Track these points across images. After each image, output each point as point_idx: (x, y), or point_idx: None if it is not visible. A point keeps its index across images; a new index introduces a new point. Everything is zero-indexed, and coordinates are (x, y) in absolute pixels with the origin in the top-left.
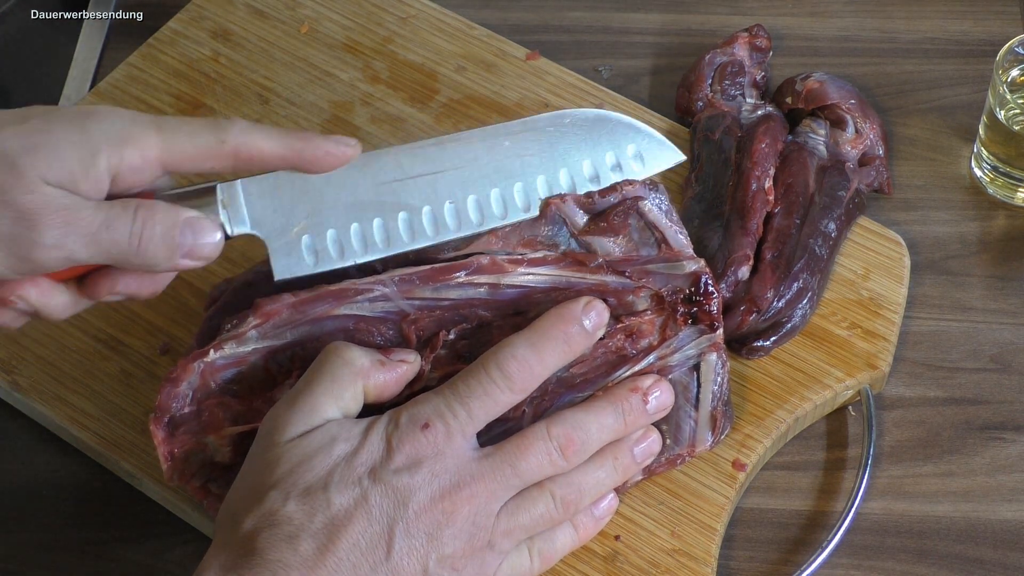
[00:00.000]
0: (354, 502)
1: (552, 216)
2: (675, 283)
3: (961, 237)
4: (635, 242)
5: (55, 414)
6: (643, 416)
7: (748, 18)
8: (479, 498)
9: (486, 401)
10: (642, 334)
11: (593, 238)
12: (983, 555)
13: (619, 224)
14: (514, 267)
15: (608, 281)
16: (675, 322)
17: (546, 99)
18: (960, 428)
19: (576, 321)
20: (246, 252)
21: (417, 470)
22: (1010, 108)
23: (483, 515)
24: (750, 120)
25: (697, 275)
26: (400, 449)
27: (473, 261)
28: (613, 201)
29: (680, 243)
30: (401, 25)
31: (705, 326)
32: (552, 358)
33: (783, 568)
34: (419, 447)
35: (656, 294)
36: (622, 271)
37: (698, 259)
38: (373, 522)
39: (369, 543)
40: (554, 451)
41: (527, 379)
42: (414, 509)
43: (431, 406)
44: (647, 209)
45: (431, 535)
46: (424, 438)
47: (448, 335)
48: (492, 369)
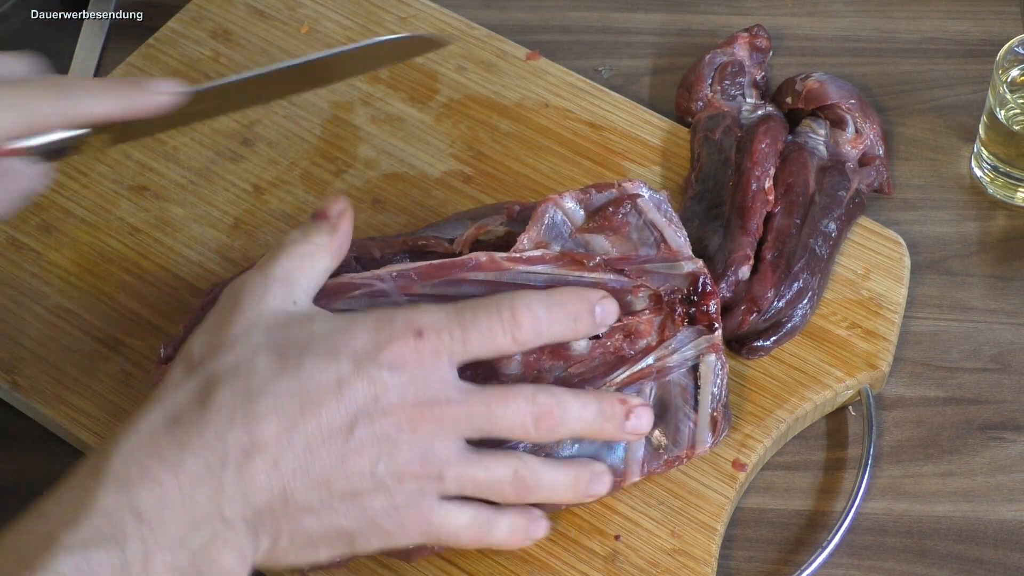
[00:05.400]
0: (332, 381)
1: (550, 213)
2: (673, 283)
3: (961, 237)
4: (634, 241)
5: (55, 414)
6: (619, 428)
7: (748, 18)
8: (446, 422)
9: (486, 337)
10: (640, 334)
11: (592, 236)
12: (983, 555)
13: (618, 222)
14: (512, 265)
15: (606, 279)
16: (673, 322)
17: (546, 99)
18: (960, 428)
19: (590, 305)
20: (247, 252)
21: (398, 372)
22: (1010, 108)
23: (443, 441)
24: (750, 120)
25: (695, 275)
26: (388, 346)
27: (472, 258)
28: (609, 197)
29: (679, 243)
30: (401, 25)
31: (704, 327)
32: (558, 327)
33: (783, 568)
34: (406, 351)
35: (654, 294)
36: (620, 269)
37: (696, 259)
38: (341, 406)
39: (331, 426)
40: (530, 416)
41: (531, 334)
42: (383, 406)
43: (431, 317)
44: (646, 207)
45: (389, 438)
46: (414, 345)
47: None
48: (504, 310)
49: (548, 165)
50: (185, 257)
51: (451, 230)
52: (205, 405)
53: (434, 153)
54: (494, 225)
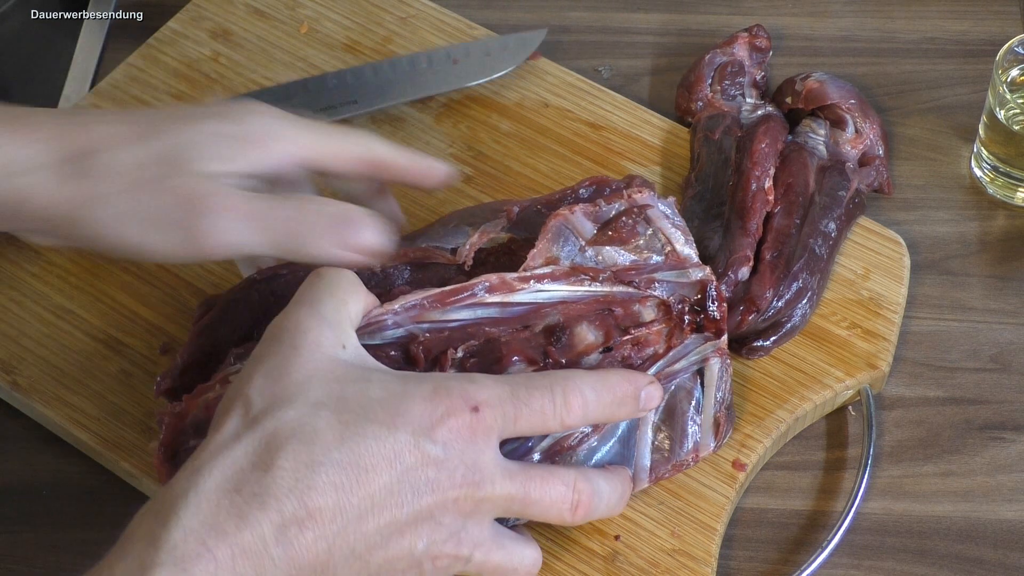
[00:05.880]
0: (388, 454)
1: (559, 228)
2: (681, 291)
3: (961, 237)
4: (642, 250)
5: (55, 414)
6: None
7: (748, 18)
8: (485, 504)
9: (536, 418)
10: (648, 343)
11: (601, 248)
12: (983, 555)
13: (628, 233)
14: (522, 284)
15: (615, 291)
16: (681, 331)
17: (546, 99)
18: (960, 428)
19: (636, 390)
20: None
21: (451, 449)
22: (1010, 108)
23: (477, 522)
24: (750, 120)
25: (704, 283)
26: (444, 422)
27: (483, 280)
28: (619, 208)
29: (687, 251)
30: (401, 25)
31: (710, 333)
32: (603, 410)
33: (783, 568)
34: (461, 428)
35: (663, 303)
36: (630, 281)
37: (704, 266)
38: (394, 481)
39: (382, 501)
40: (568, 503)
41: (578, 417)
42: (432, 484)
43: (487, 393)
44: (655, 217)
45: (433, 517)
46: (470, 420)
47: (456, 352)
48: (558, 393)
49: (548, 165)
50: None
51: (451, 238)
52: (267, 471)
53: (434, 153)
54: (495, 232)
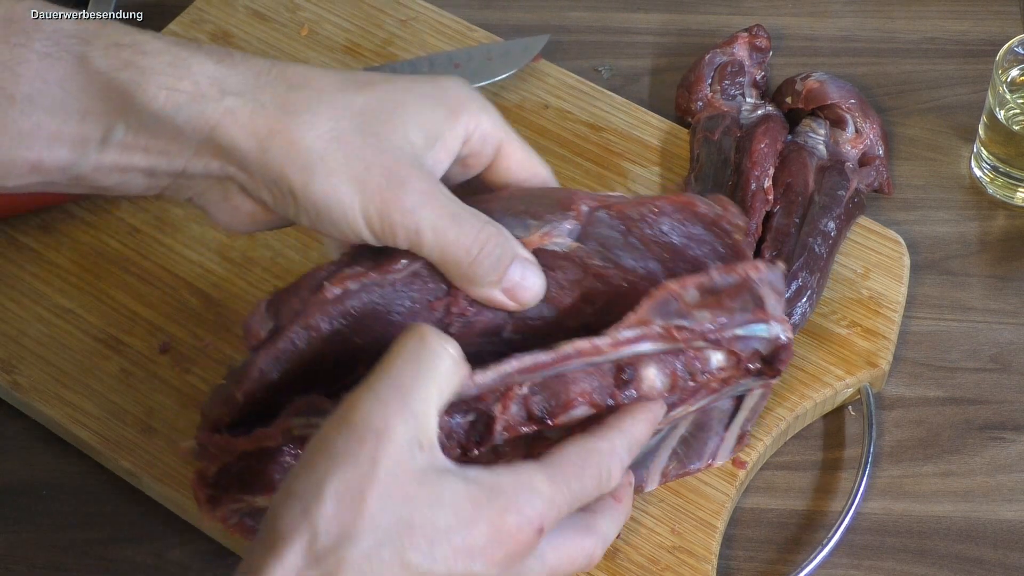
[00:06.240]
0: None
1: (665, 300)
2: (756, 345)
3: (961, 237)
4: (735, 311)
5: (55, 414)
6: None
7: (748, 18)
8: None
9: (585, 498)
10: (709, 389)
11: (699, 311)
12: (983, 555)
13: (731, 303)
14: (613, 350)
15: (699, 346)
16: (740, 375)
17: (546, 101)
18: (960, 428)
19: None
20: (246, 252)
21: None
22: (1010, 108)
23: None
24: (750, 120)
25: (780, 346)
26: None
27: (574, 349)
28: (732, 281)
29: (777, 312)
30: (401, 27)
31: (767, 377)
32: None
33: (782, 568)
34: (524, 551)
35: (734, 353)
36: (716, 340)
37: (784, 319)
38: None
39: None
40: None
41: (617, 482)
42: None
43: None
44: (760, 285)
45: None
46: (534, 540)
47: (521, 389)
48: (604, 471)
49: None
50: (185, 257)
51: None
52: None
53: None
54: (561, 236)
